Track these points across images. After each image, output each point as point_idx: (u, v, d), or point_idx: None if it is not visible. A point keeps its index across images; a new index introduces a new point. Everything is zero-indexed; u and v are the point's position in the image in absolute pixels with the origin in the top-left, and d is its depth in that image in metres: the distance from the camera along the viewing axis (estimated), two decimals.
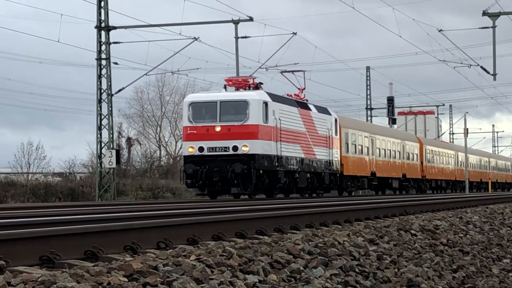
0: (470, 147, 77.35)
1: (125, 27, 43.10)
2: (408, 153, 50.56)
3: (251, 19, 42.86)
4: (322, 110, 37.44)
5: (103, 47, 41.30)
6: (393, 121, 70.20)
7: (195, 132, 27.78)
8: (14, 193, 34.65)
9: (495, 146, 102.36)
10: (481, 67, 38.27)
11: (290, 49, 48.88)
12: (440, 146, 62.66)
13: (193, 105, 28.40)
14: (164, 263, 7.28)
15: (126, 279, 6.39)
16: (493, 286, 12.71)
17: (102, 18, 41.59)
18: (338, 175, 38.47)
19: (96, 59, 40.91)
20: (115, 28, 42.47)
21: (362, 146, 42.62)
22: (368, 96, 78.54)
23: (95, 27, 42.11)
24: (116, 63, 39.94)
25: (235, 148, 26.70)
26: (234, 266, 7.75)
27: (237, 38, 43.35)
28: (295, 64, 46.72)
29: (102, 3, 41.61)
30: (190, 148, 27.61)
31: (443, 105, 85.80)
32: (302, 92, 37.52)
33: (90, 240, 8.25)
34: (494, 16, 32.81)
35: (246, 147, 26.64)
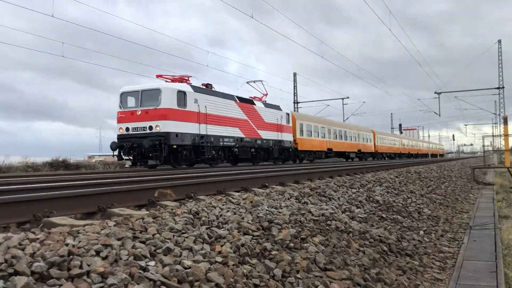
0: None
1: (302, 102, 51.70)
2: (363, 138, 43.58)
3: (347, 97, 50.74)
4: (273, 106, 26.64)
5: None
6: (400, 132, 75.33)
7: (123, 116, 18.40)
8: None
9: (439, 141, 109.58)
10: (434, 112, 49.95)
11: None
12: (388, 135, 56.86)
13: (123, 94, 18.79)
14: (317, 185, 8.54)
15: (309, 190, 7.58)
16: (443, 191, 14.09)
17: (295, 98, 50.10)
18: (290, 150, 28.24)
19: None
20: (299, 102, 50.53)
21: (318, 132, 32.88)
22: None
23: (293, 102, 50.21)
24: None
25: (150, 127, 17.60)
26: (346, 183, 8.83)
27: (343, 103, 50.76)
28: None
29: (295, 93, 50.16)
30: (120, 129, 18.34)
31: (421, 126, 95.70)
32: (265, 96, 27.29)
33: (280, 178, 8.83)
34: (438, 93, 45.41)
35: (158, 127, 17.47)
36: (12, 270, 2.42)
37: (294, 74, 50.92)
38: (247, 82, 27.62)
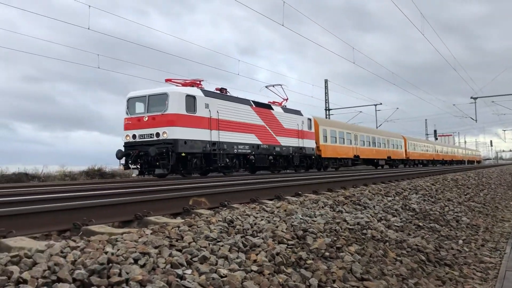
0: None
1: (334, 109, 55.41)
2: (393, 144, 40.94)
3: (380, 103, 49.74)
4: (294, 111, 24.63)
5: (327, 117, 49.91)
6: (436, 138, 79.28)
7: (130, 122, 16.98)
8: None
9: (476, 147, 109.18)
10: (471, 117, 47.40)
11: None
12: (420, 141, 53.15)
13: (130, 99, 17.39)
14: (351, 194, 8.47)
15: (344, 198, 7.53)
16: (482, 199, 13.66)
17: (327, 105, 48.99)
18: (313, 157, 26.01)
19: None
20: (330, 109, 49.29)
21: (344, 138, 30.41)
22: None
23: (325, 109, 49.08)
24: None
25: (157, 134, 16.21)
26: (381, 191, 8.33)
27: (376, 109, 49.57)
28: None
29: (327, 99, 48.88)
30: (127, 136, 16.88)
31: (457, 132, 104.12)
32: (286, 101, 25.22)
33: (313, 187, 9.22)
34: (475, 98, 41.85)
35: (165, 133, 16.09)
36: (55, 277, 2.48)
37: (326, 81, 50.52)
38: (266, 87, 25.78)
